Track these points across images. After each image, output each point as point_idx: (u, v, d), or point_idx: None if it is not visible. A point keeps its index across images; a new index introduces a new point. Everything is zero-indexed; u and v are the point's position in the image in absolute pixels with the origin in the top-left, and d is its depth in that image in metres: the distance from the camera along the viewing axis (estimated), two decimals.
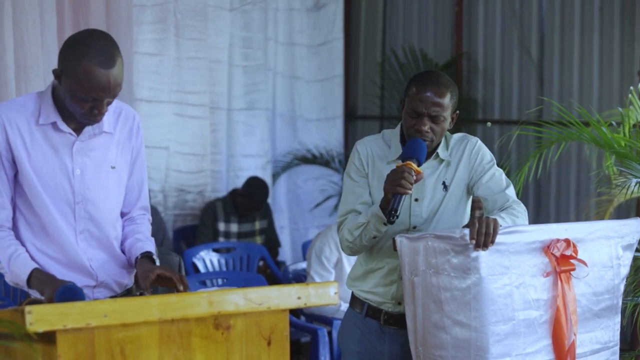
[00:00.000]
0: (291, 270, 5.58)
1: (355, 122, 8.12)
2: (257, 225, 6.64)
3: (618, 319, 3.11)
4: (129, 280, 3.04)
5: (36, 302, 2.59)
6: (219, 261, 5.83)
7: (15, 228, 2.91)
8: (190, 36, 6.37)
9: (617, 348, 3.13)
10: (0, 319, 2.31)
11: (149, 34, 6.08)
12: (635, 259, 3.33)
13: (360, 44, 8.04)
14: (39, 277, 2.76)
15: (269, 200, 6.91)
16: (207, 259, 5.78)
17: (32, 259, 2.88)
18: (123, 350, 2.41)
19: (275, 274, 6.02)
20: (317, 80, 7.60)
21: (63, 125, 2.86)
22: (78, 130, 2.88)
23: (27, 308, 2.24)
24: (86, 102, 2.75)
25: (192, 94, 6.48)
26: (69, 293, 2.64)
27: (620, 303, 3.11)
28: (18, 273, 2.79)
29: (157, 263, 2.90)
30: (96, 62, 2.71)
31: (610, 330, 3.09)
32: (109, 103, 2.80)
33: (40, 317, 2.25)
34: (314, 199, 7.68)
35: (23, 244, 2.90)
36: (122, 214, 3.06)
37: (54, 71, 2.79)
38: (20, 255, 2.81)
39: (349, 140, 8.03)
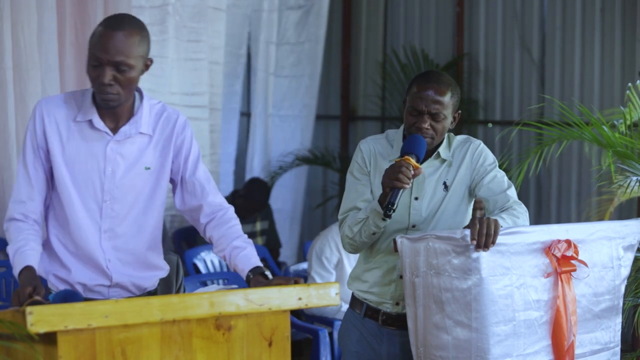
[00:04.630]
0: (292, 271, 5.58)
1: (356, 123, 8.12)
2: (258, 226, 6.65)
3: (619, 319, 3.11)
4: (150, 284, 3.04)
5: (37, 303, 2.59)
6: (219, 262, 5.83)
7: (45, 218, 2.97)
8: (189, 38, 6.37)
9: (618, 349, 3.12)
10: (1, 320, 2.31)
11: None
12: (636, 259, 3.33)
13: (362, 44, 8.04)
14: (24, 276, 2.78)
15: (270, 201, 6.91)
16: (208, 259, 5.78)
17: (54, 251, 2.93)
18: (124, 351, 2.41)
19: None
20: (310, 78, 7.61)
21: (100, 124, 2.90)
22: (115, 130, 2.91)
23: (28, 309, 2.24)
24: (93, 67, 2.79)
25: (191, 95, 6.48)
26: (68, 298, 2.64)
27: (621, 304, 3.11)
28: (16, 266, 2.82)
29: (269, 274, 2.88)
30: (105, 24, 2.80)
31: (611, 331, 3.08)
32: (115, 78, 2.80)
33: (41, 318, 2.25)
34: (315, 199, 7.69)
35: (48, 236, 2.95)
36: (196, 208, 3.05)
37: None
38: (25, 252, 2.84)
39: (350, 141, 8.03)
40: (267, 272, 2.89)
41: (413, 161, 2.93)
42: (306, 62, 7.58)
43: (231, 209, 3.08)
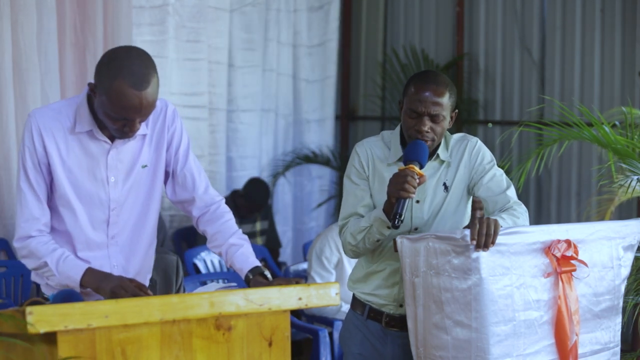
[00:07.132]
0: (292, 271, 5.58)
1: (356, 123, 8.12)
2: (258, 226, 6.65)
3: (619, 319, 3.11)
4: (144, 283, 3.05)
5: (37, 302, 2.59)
6: (219, 262, 5.83)
7: None
8: (188, 38, 6.37)
9: (618, 349, 3.12)
10: (3, 314, 2.31)
11: (147, 35, 6.08)
12: (636, 259, 3.32)
13: (362, 44, 8.04)
14: (94, 275, 2.79)
15: (270, 201, 6.91)
16: (208, 259, 5.78)
17: None
18: (124, 351, 2.41)
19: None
20: (316, 80, 7.61)
21: (99, 134, 2.87)
22: (113, 138, 2.89)
23: (28, 309, 2.24)
24: (117, 120, 2.76)
25: (190, 95, 6.48)
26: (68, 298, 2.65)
27: (621, 304, 3.10)
28: (69, 274, 2.81)
29: (268, 274, 2.89)
30: (129, 82, 2.70)
31: (610, 331, 3.08)
32: (142, 121, 2.81)
33: (41, 318, 2.25)
34: (315, 199, 7.69)
35: None
36: (188, 201, 3.05)
37: (89, 84, 2.80)
38: (69, 257, 2.83)
39: (350, 141, 8.03)
40: (267, 272, 2.89)
41: (417, 169, 2.92)
42: (326, 65, 7.59)
43: (223, 201, 3.09)
